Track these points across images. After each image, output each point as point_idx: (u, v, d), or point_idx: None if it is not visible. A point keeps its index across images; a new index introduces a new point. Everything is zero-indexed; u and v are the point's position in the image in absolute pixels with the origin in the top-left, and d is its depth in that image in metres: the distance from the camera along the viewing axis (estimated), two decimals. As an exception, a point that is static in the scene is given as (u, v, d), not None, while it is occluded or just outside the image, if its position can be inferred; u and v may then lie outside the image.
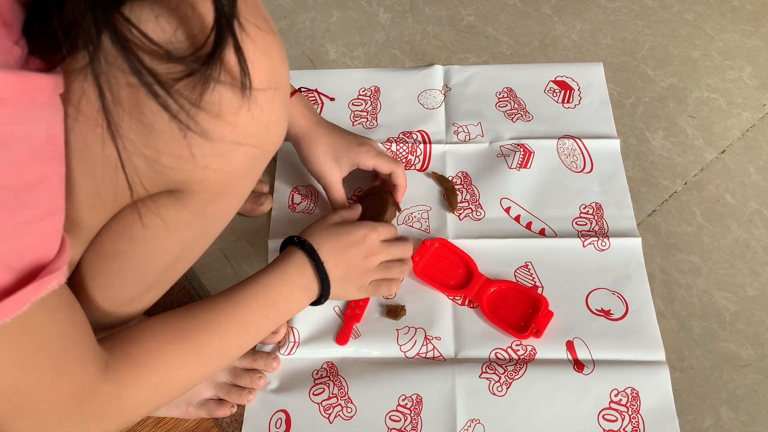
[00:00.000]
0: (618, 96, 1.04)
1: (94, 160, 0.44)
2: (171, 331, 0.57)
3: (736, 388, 0.79)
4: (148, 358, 0.54)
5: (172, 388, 0.57)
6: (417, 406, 0.78)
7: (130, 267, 0.55)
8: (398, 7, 1.17)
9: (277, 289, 0.66)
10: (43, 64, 0.38)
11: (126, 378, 0.52)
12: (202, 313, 0.60)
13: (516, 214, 0.93)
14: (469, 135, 1.01)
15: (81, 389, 0.49)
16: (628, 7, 1.15)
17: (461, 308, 0.85)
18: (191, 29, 0.41)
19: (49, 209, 0.41)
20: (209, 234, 0.58)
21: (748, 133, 0.99)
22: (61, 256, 0.42)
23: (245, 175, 0.50)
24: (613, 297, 0.85)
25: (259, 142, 0.48)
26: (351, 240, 0.75)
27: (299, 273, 0.70)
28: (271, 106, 0.47)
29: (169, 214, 0.50)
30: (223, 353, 0.62)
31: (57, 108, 0.40)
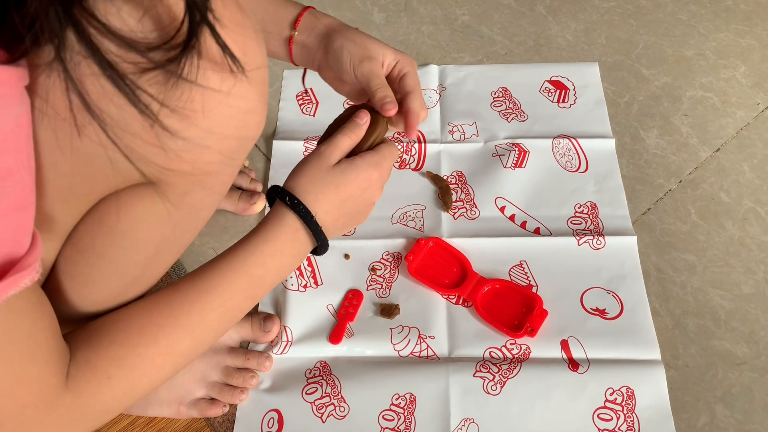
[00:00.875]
0: (612, 95, 1.04)
1: (64, 154, 0.43)
2: (136, 331, 0.53)
3: (732, 386, 0.78)
4: (111, 367, 0.51)
5: (138, 393, 0.54)
6: (410, 406, 0.77)
7: (108, 262, 0.52)
8: (393, 6, 1.17)
9: (265, 266, 0.58)
10: (7, 57, 0.37)
11: (87, 388, 0.50)
12: (171, 305, 0.55)
13: (511, 213, 0.92)
14: (464, 134, 1.01)
15: (40, 400, 0.47)
16: (622, 7, 1.15)
17: (455, 307, 0.84)
18: (161, 20, 0.40)
19: (18, 203, 0.40)
20: (190, 227, 0.55)
21: (743, 131, 0.99)
22: (32, 252, 0.41)
23: (222, 166, 0.49)
24: (608, 296, 0.84)
25: (236, 128, 0.47)
26: (354, 188, 0.62)
27: (291, 241, 0.60)
28: (247, 93, 0.46)
29: (146, 206, 0.49)
30: (196, 349, 0.57)
31: (22, 100, 0.39)
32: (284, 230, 0.59)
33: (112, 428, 0.77)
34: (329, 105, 1.05)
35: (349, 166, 0.62)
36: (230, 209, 0.92)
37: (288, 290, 0.85)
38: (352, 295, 0.85)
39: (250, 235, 0.60)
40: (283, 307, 0.84)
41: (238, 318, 0.59)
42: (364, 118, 0.63)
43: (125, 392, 0.53)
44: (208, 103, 0.43)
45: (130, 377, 0.52)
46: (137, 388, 0.54)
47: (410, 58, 0.69)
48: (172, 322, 0.54)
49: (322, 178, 0.61)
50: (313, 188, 0.60)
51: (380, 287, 0.86)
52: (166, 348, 0.54)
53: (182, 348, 0.55)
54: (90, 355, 0.51)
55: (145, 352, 0.53)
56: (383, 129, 0.66)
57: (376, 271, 0.87)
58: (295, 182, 0.61)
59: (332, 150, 0.62)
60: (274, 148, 1.00)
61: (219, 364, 0.77)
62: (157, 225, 0.51)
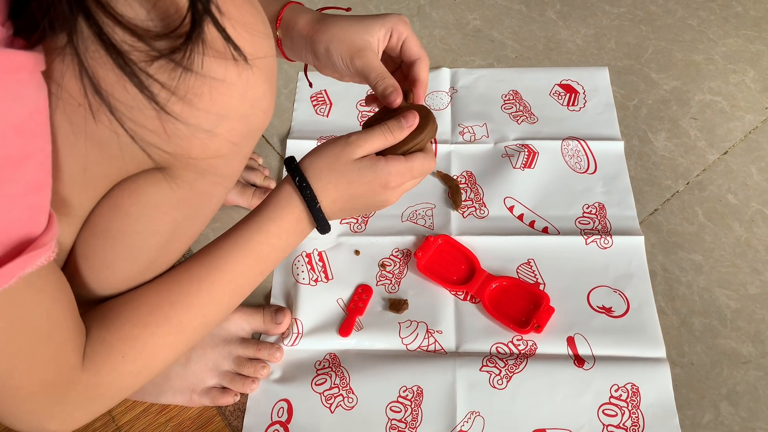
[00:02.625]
0: (621, 98, 1.05)
1: (80, 138, 0.44)
2: (148, 311, 0.55)
3: (737, 384, 0.79)
4: (125, 346, 0.53)
5: (153, 371, 0.56)
6: (417, 398, 0.79)
7: (122, 246, 0.54)
8: (405, 11, 1.19)
9: (271, 244, 0.59)
10: (24, 44, 0.39)
11: (103, 367, 0.52)
12: (180, 284, 0.56)
13: (519, 212, 0.94)
14: (475, 135, 1.02)
15: (59, 378, 0.48)
16: (632, 13, 1.17)
17: (463, 303, 0.86)
18: (167, 11, 0.42)
19: (35, 184, 0.41)
20: (201, 213, 0.56)
21: (751, 135, 1.00)
22: (48, 231, 0.42)
23: (232, 153, 0.50)
24: (615, 294, 0.85)
25: (243, 117, 0.48)
26: (367, 189, 0.60)
27: (297, 221, 0.60)
28: (254, 81, 0.47)
29: (159, 191, 0.50)
30: (208, 325, 0.59)
31: (39, 85, 0.40)
32: (290, 211, 0.59)
33: (125, 415, 0.79)
34: (342, 106, 1.07)
35: (369, 166, 0.59)
36: (244, 205, 0.94)
37: (299, 284, 0.87)
38: (362, 289, 0.87)
39: (258, 211, 0.60)
40: (294, 300, 0.86)
41: (247, 293, 0.61)
42: (411, 121, 0.60)
43: (140, 370, 0.54)
44: (215, 91, 0.45)
45: (144, 355, 0.54)
46: (151, 365, 0.55)
47: (400, 17, 0.66)
48: (182, 299, 0.56)
49: (338, 169, 0.59)
50: (327, 176, 0.59)
51: (389, 283, 0.88)
52: (177, 326, 0.56)
53: (194, 325, 0.57)
54: (104, 334, 0.53)
55: (157, 330, 0.55)
56: (428, 135, 0.62)
57: (385, 266, 0.89)
58: (310, 162, 0.60)
59: (361, 143, 0.59)
60: (288, 146, 1.02)
61: (231, 354, 0.79)
62: (170, 210, 0.52)
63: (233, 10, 0.44)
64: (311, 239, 0.91)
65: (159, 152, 0.46)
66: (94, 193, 0.50)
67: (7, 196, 0.38)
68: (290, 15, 0.67)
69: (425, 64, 0.66)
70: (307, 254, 0.90)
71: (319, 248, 0.91)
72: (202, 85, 0.44)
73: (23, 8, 0.37)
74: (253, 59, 0.46)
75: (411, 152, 0.61)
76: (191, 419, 0.79)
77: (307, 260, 0.90)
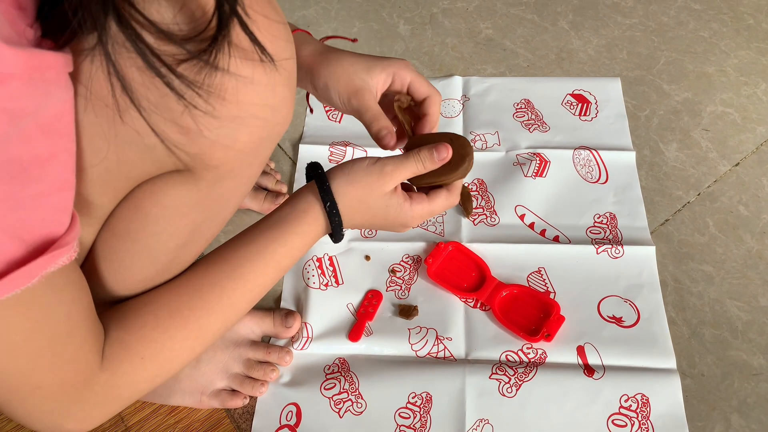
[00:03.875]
0: (633, 108, 1.06)
1: (104, 139, 0.45)
2: (168, 315, 0.56)
3: (747, 396, 0.78)
4: (143, 348, 0.54)
5: (170, 373, 0.57)
6: (426, 404, 0.78)
7: (141, 247, 0.54)
8: (418, 19, 1.20)
9: (292, 256, 0.61)
10: (54, 45, 0.39)
11: (121, 368, 0.52)
12: (201, 289, 0.57)
13: (530, 221, 0.94)
14: (486, 143, 1.03)
15: (78, 377, 0.49)
16: (644, 24, 1.17)
17: (473, 310, 0.86)
18: (194, 13, 0.42)
19: (59, 184, 0.41)
20: (219, 217, 0.57)
21: (762, 147, 1.00)
22: (71, 231, 0.42)
23: (252, 156, 0.50)
24: (625, 304, 0.85)
25: (264, 121, 0.48)
26: (390, 221, 0.64)
27: (318, 236, 0.63)
28: (276, 86, 0.47)
29: (179, 193, 0.50)
30: (225, 329, 0.60)
31: (66, 86, 0.41)
32: (315, 228, 0.62)
33: (135, 416, 0.79)
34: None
35: (396, 206, 0.62)
36: (256, 209, 0.95)
37: (310, 288, 0.87)
38: (372, 295, 0.87)
39: (282, 222, 0.61)
40: (304, 304, 0.86)
41: (260, 298, 0.62)
42: (442, 154, 0.61)
43: (158, 372, 0.55)
44: (240, 93, 0.45)
45: (162, 357, 0.55)
46: (169, 368, 0.56)
47: (403, 62, 0.66)
48: (203, 305, 0.57)
49: (368, 201, 0.61)
50: (356, 205, 0.61)
51: (399, 288, 0.88)
52: (197, 330, 0.56)
53: (213, 330, 0.58)
54: (123, 335, 0.53)
55: (177, 334, 0.55)
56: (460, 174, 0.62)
57: (395, 272, 0.89)
58: (342, 188, 0.61)
59: (395, 175, 0.61)
60: (300, 151, 1.02)
61: (241, 356, 0.79)
62: (189, 212, 0.53)
63: (258, 11, 0.45)
64: (322, 244, 0.91)
65: (182, 154, 0.46)
66: (116, 194, 0.50)
67: (32, 196, 0.39)
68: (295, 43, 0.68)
69: (435, 101, 0.66)
70: (317, 259, 0.90)
71: (330, 253, 0.91)
72: (227, 86, 0.44)
73: (53, 9, 0.38)
74: (278, 60, 0.46)
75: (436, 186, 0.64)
76: (200, 421, 0.79)
77: (317, 265, 0.90)
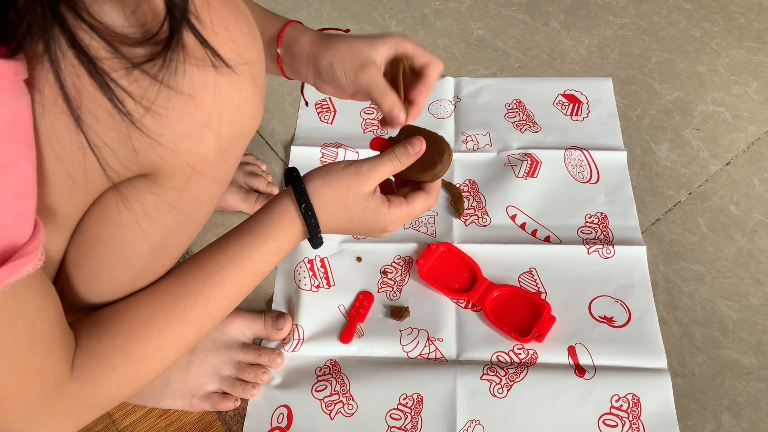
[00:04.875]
0: (624, 108, 1.06)
1: (65, 146, 0.44)
2: (141, 325, 0.54)
3: (738, 395, 0.79)
4: (115, 358, 0.52)
5: (143, 382, 0.56)
6: (417, 406, 0.78)
7: (113, 253, 0.53)
8: (410, 20, 1.20)
9: (269, 261, 0.60)
10: (6, 51, 0.39)
11: (92, 378, 0.51)
12: (176, 297, 0.56)
13: (521, 221, 0.94)
14: (478, 144, 1.03)
15: (45, 388, 0.48)
16: (636, 23, 1.17)
17: (464, 311, 0.86)
18: (145, 18, 0.41)
19: (19, 192, 0.41)
20: (192, 220, 0.55)
21: (753, 146, 1.00)
22: (33, 240, 0.42)
23: (220, 157, 0.49)
24: (616, 304, 0.85)
25: (229, 122, 0.47)
26: (368, 225, 0.63)
27: (295, 240, 0.62)
28: (240, 85, 0.46)
29: (146, 197, 0.50)
30: (200, 337, 0.59)
31: (21, 93, 0.40)
32: (291, 232, 0.61)
33: (126, 419, 0.79)
34: (347, 113, 1.07)
35: (374, 209, 0.62)
36: (246, 211, 0.95)
37: (301, 290, 0.87)
38: (364, 296, 0.87)
39: (256, 227, 0.60)
40: (295, 306, 0.86)
41: (237, 305, 0.61)
42: (417, 147, 0.62)
43: (130, 381, 0.54)
44: (198, 97, 0.44)
45: (135, 367, 0.54)
46: (142, 377, 0.55)
47: (402, 35, 0.66)
48: (177, 314, 0.56)
49: (345, 202, 0.61)
50: (332, 206, 0.61)
51: (391, 290, 0.88)
52: (171, 339, 0.55)
53: (188, 338, 0.57)
54: (95, 345, 0.52)
55: (150, 344, 0.54)
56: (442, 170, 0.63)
57: (387, 274, 0.89)
58: (318, 189, 0.60)
59: (371, 174, 0.61)
60: (291, 153, 1.02)
61: (232, 359, 0.79)
62: (159, 217, 0.52)
63: (216, 15, 0.44)
64: (313, 246, 0.91)
65: (144, 159, 0.45)
66: (83, 200, 0.50)
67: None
68: (292, 33, 0.68)
69: (436, 67, 0.66)
70: (309, 260, 0.90)
71: (321, 254, 0.91)
72: (185, 89, 0.43)
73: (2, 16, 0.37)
74: (237, 64, 0.45)
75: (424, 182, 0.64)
76: (191, 424, 0.79)
77: (309, 266, 0.90)
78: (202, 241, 0.93)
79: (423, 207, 0.64)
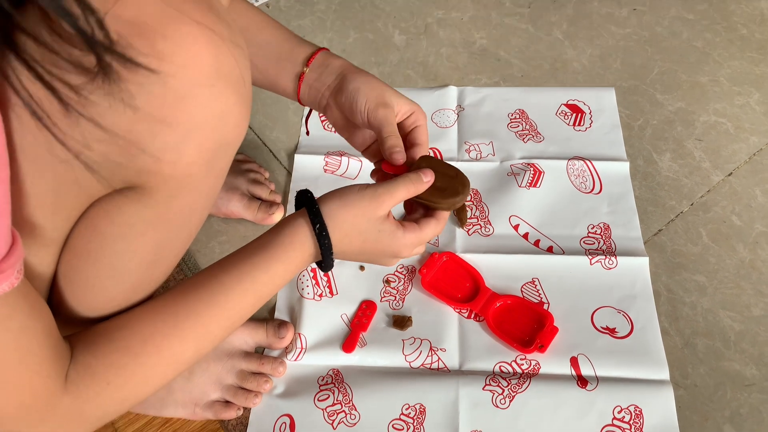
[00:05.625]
0: (626, 118, 1.06)
1: (45, 161, 0.43)
2: (140, 341, 0.53)
3: (740, 406, 0.79)
4: (110, 374, 0.52)
5: (139, 398, 0.55)
6: (420, 416, 0.79)
7: (103, 267, 0.53)
8: (413, 29, 1.21)
9: (274, 284, 0.59)
10: None
11: (86, 393, 0.51)
12: (176, 316, 0.55)
13: (524, 231, 0.94)
14: (481, 153, 1.03)
15: (37, 401, 0.48)
16: (638, 34, 1.18)
17: (467, 321, 0.86)
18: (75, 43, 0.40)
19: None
20: (182, 232, 0.55)
21: (755, 156, 1.00)
22: (8, 258, 0.41)
23: (206, 168, 0.48)
24: (619, 315, 0.85)
25: (212, 131, 0.46)
26: (381, 250, 0.63)
27: (304, 263, 0.61)
28: (220, 94, 0.45)
29: (133, 211, 0.49)
30: (199, 356, 0.57)
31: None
32: (301, 254, 0.60)
33: (128, 428, 0.79)
34: (349, 122, 1.07)
35: (389, 233, 0.61)
36: (250, 218, 0.95)
37: (304, 299, 0.88)
38: (366, 305, 0.87)
39: (266, 247, 0.59)
40: (298, 315, 0.86)
41: (239, 325, 0.60)
42: (428, 177, 0.63)
43: (125, 397, 0.53)
44: (178, 108, 0.44)
45: (130, 384, 0.53)
46: (137, 393, 0.54)
47: (423, 112, 0.69)
48: (177, 333, 0.55)
49: (360, 225, 0.60)
50: (348, 229, 0.60)
51: (394, 299, 0.88)
52: (168, 357, 0.54)
53: (187, 356, 0.56)
54: (90, 360, 0.52)
55: (147, 361, 0.53)
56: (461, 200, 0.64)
57: (390, 283, 0.89)
58: (333, 211, 0.60)
59: (386, 198, 0.60)
60: (295, 161, 1.03)
61: (234, 367, 0.80)
62: (146, 230, 0.51)
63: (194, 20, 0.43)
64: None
65: (127, 171, 0.45)
66: (68, 214, 0.49)
67: None
68: (325, 56, 0.71)
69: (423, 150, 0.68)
70: (312, 269, 0.90)
71: (324, 263, 0.91)
72: (162, 103, 0.43)
73: None
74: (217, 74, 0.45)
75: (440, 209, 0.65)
76: (194, 433, 0.79)
77: (312, 275, 0.90)
78: (205, 249, 0.94)
79: (433, 233, 0.64)
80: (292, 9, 1.24)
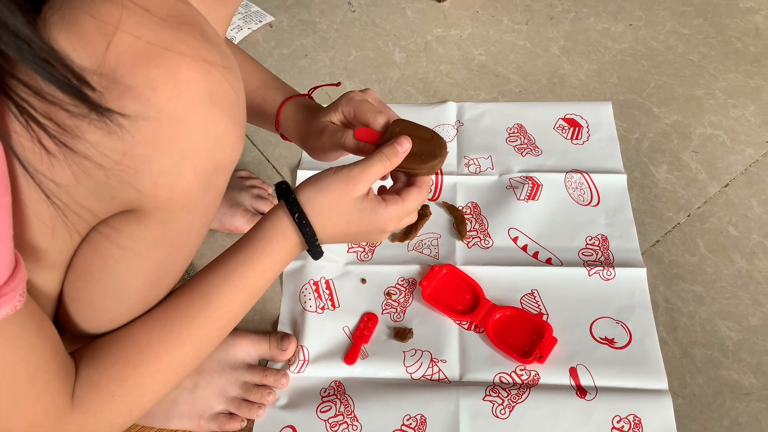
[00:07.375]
0: (623, 131, 1.08)
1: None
2: (137, 350, 0.55)
3: (739, 415, 0.79)
4: (114, 386, 0.53)
5: (145, 407, 0.56)
6: (421, 426, 0.79)
7: (106, 287, 0.54)
8: (413, 47, 1.23)
9: (264, 277, 0.60)
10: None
11: (92, 407, 0.52)
12: (171, 321, 0.56)
13: (523, 243, 0.95)
14: (480, 167, 1.05)
15: (47, 419, 0.49)
16: (634, 48, 1.20)
17: (467, 332, 0.87)
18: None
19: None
20: (182, 251, 0.55)
21: (751, 168, 1.02)
22: (11, 282, 0.42)
23: (203, 189, 0.49)
24: (617, 326, 0.86)
25: (207, 154, 0.47)
26: (365, 228, 0.62)
27: (290, 254, 0.62)
28: (215, 118, 0.46)
29: (133, 233, 0.50)
30: (199, 359, 0.59)
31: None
32: (285, 245, 0.60)
33: (134, 440, 0.81)
34: (350, 138, 1.09)
35: (370, 209, 0.61)
36: (253, 234, 0.96)
37: (306, 312, 0.89)
38: (368, 318, 0.88)
39: (250, 243, 0.60)
40: (301, 327, 0.88)
41: (236, 324, 0.61)
42: (404, 146, 0.62)
43: (131, 408, 0.54)
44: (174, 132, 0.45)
45: (134, 394, 0.54)
46: (143, 403, 0.55)
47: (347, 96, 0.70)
48: (173, 338, 0.56)
49: (340, 207, 0.60)
50: (327, 212, 0.60)
51: (395, 311, 0.89)
52: (168, 364, 0.55)
53: (186, 361, 0.57)
54: (92, 374, 0.53)
55: (147, 369, 0.55)
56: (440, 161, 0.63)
57: (391, 295, 0.91)
58: (311, 197, 0.60)
59: (363, 177, 0.60)
60: (298, 177, 1.05)
61: (238, 379, 0.81)
62: (147, 251, 0.52)
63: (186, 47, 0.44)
64: (318, 267, 0.93)
65: (125, 195, 0.46)
66: (71, 237, 0.50)
67: None
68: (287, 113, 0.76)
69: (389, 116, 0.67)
70: (314, 282, 0.92)
71: (326, 276, 0.93)
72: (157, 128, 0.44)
73: None
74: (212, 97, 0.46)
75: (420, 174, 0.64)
76: (198, 445, 0.80)
77: (314, 288, 0.91)
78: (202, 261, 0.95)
79: (417, 202, 0.64)
80: (295, 28, 1.27)
